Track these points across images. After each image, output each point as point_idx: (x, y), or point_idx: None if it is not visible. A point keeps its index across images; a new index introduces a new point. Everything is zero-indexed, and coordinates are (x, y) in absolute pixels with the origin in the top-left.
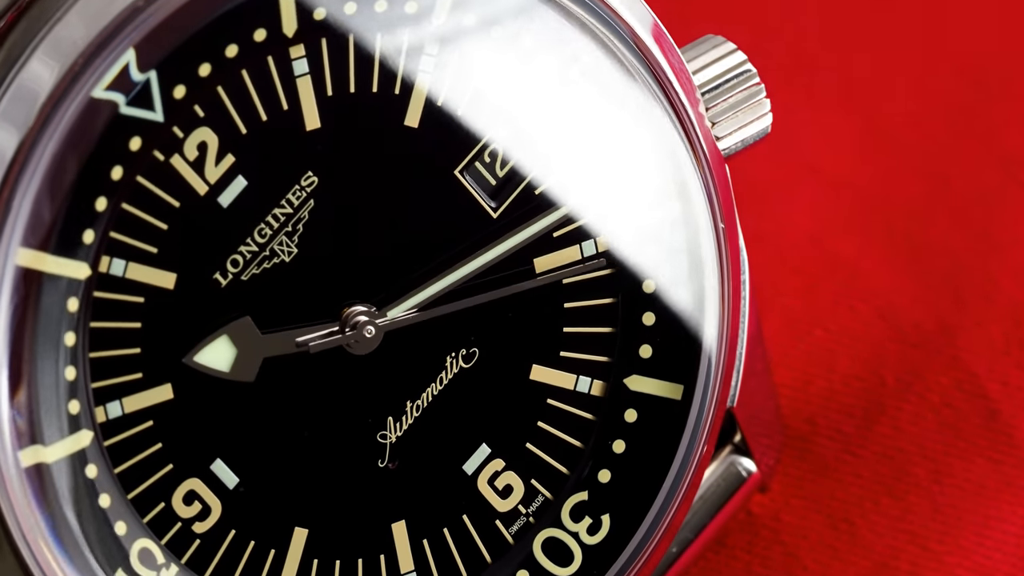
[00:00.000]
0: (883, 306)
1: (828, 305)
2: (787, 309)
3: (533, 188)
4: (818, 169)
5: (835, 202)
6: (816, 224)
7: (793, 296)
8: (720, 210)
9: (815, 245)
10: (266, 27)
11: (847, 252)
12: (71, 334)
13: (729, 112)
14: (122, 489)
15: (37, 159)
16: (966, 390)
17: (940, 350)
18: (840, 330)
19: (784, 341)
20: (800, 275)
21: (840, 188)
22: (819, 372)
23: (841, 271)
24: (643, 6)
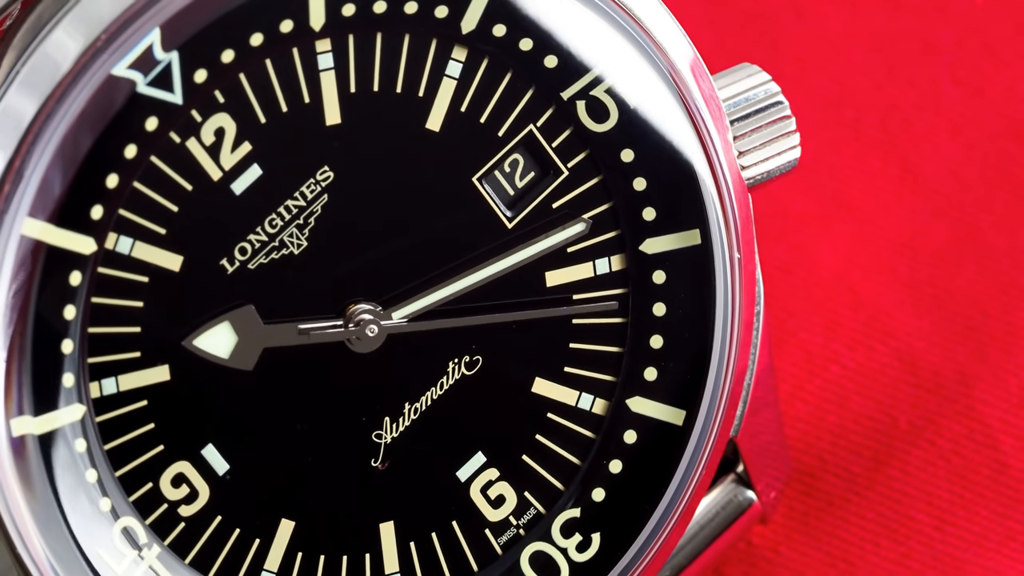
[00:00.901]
0: (902, 349)
1: (847, 343)
2: (806, 343)
3: (551, 201)
4: (852, 207)
5: (865, 241)
6: (843, 261)
7: (813, 330)
8: (738, 240)
9: (840, 282)
10: (293, 19)
11: (871, 292)
12: (71, 307)
13: (757, 141)
14: (110, 466)
15: (52, 129)
16: (978, 440)
17: (955, 398)
18: (857, 368)
19: (800, 375)
20: (822, 310)
21: (871, 227)
22: (832, 409)
23: (863, 310)
24: (685, 39)
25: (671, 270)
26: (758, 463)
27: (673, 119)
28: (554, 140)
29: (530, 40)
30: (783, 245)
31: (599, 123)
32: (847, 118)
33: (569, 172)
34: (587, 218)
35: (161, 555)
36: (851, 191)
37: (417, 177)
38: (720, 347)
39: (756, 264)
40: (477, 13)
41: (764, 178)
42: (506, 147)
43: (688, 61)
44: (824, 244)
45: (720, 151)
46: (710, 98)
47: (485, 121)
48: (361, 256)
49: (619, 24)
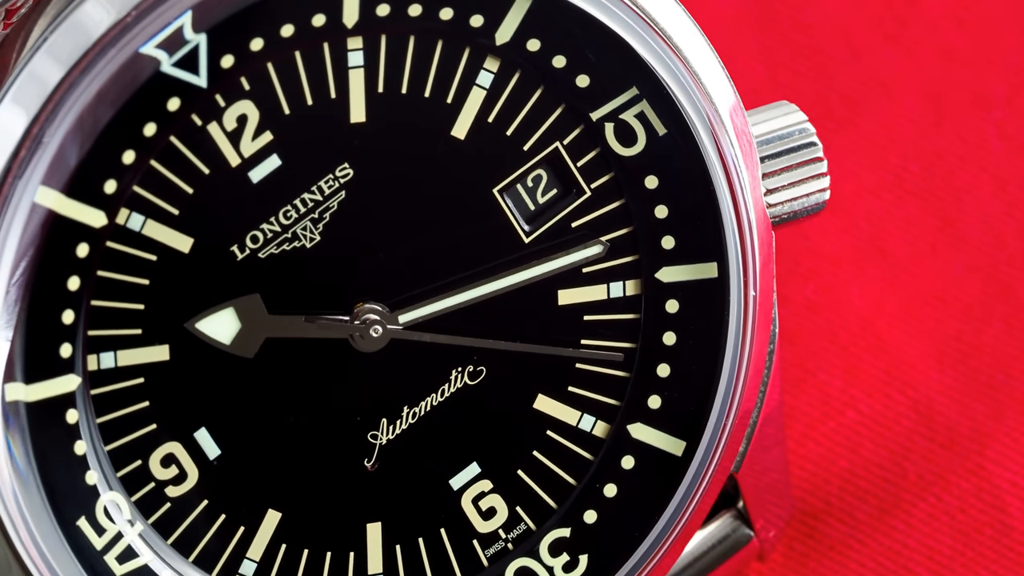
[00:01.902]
0: (920, 400)
1: (866, 389)
2: (824, 385)
3: (571, 220)
4: (886, 253)
5: (895, 288)
6: (871, 307)
7: (833, 373)
8: (756, 278)
9: (866, 327)
10: (326, 14)
11: (896, 340)
12: (75, 279)
13: (786, 180)
14: (101, 440)
15: (74, 99)
16: (985, 500)
17: (967, 455)
18: (872, 416)
19: (815, 415)
20: (845, 354)
21: (903, 275)
22: (843, 453)
23: (886, 358)
24: (727, 82)
25: (685, 301)
26: (758, 501)
27: (701, 152)
28: (580, 160)
29: (564, 58)
30: (812, 285)
31: (626, 147)
32: (891, 163)
33: (592, 193)
34: (605, 240)
35: (144, 532)
36: (887, 237)
37: (437, 183)
38: (727, 383)
39: (773, 304)
40: (513, 25)
41: (791, 217)
42: (530, 162)
43: (728, 106)
44: (854, 287)
45: (747, 187)
46: (742, 133)
47: (511, 134)
48: (373, 256)
49: (659, 56)
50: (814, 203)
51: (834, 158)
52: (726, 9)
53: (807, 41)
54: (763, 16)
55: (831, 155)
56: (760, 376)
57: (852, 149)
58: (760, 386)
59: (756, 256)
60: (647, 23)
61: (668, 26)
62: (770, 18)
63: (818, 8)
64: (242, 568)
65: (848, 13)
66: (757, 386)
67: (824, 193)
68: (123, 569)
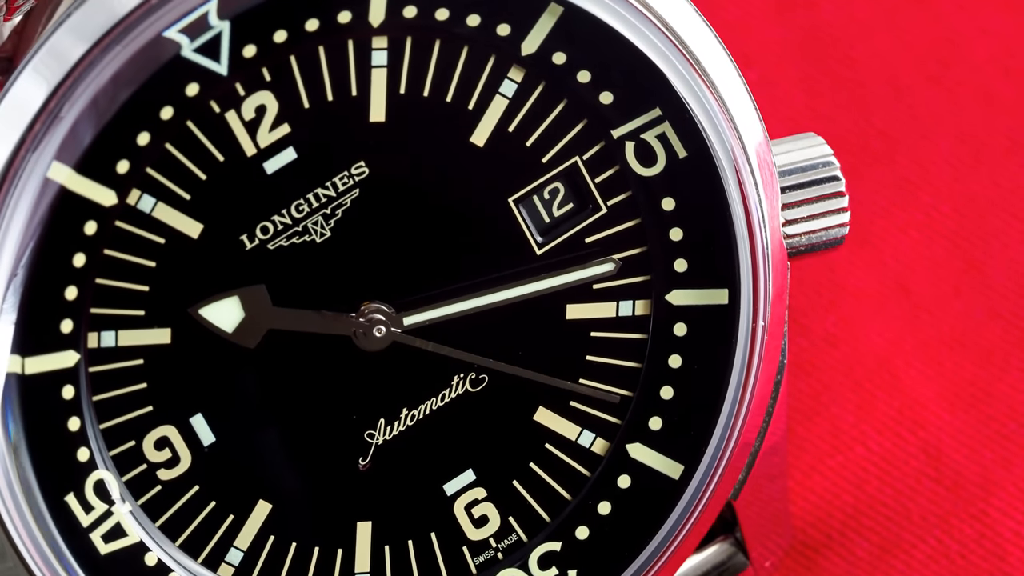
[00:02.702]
0: (930, 442)
1: (877, 426)
2: (836, 418)
3: (585, 236)
4: (909, 291)
5: (915, 328)
6: (889, 344)
7: (846, 407)
8: (766, 307)
9: (882, 364)
10: (352, 11)
11: (911, 380)
12: (81, 255)
13: (805, 213)
14: (95, 418)
15: (92, 77)
16: (986, 547)
17: (973, 500)
18: (881, 453)
19: (824, 448)
20: (859, 389)
21: (924, 316)
22: (848, 488)
23: (900, 397)
24: (757, 119)
25: (693, 325)
26: (756, 530)
27: (720, 178)
28: (598, 176)
29: (589, 73)
30: (833, 317)
31: (646, 167)
32: (922, 202)
33: (608, 210)
34: (617, 259)
35: (132, 513)
36: (912, 275)
37: (453, 188)
38: (729, 410)
39: (783, 335)
40: (540, 37)
41: (808, 250)
42: (548, 174)
43: (752, 136)
44: (874, 323)
45: (765, 217)
46: (764, 162)
47: (531, 145)
48: (383, 256)
49: (686, 79)
50: (832, 237)
51: (866, 193)
52: (773, 35)
53: (850, 74)
54: (809, 46)
55: (864, 189)
56: (765, 406)
57: (885, 185)
58: (764, 416)
59: (768, 286)
60: (676, 46)
61: (698, 51)
62: (816, 48)
63: (864, 43)
64: (229, 556)
65: (893, 51)
66: (761, 416)
67: (843, 228)
68: (108, 548)
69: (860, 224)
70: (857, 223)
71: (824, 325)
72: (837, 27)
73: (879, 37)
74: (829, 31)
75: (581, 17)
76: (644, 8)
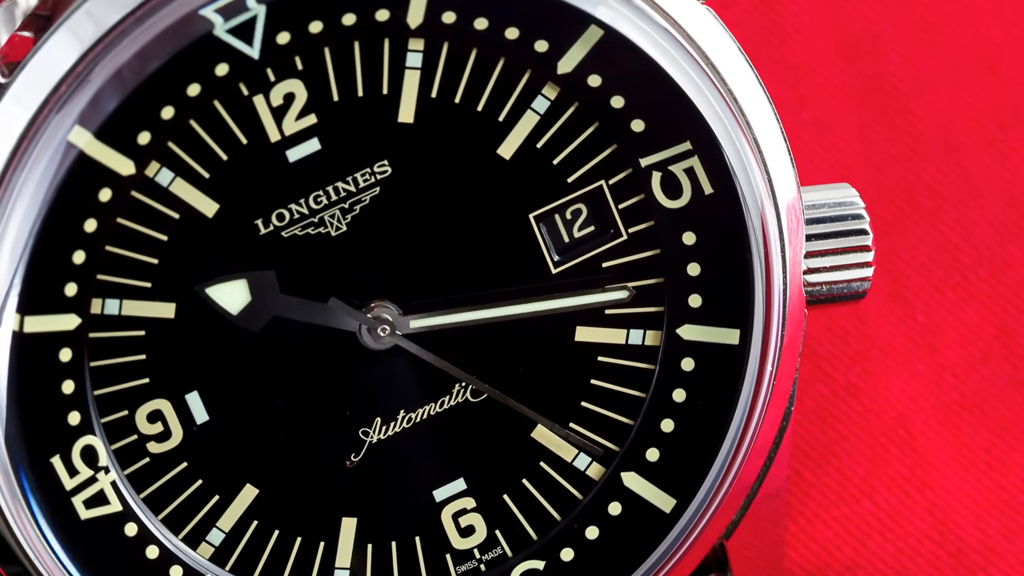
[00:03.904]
0: (937, 504)
1: (886, 482)
2: (846, 470)
3: (602, 260)
4: (936, 350)
5: (937, 388)
6: (909, 402)
7: (858, 460)
8: (776, 353)
9: (899, 421)
10: (391, 10)
11: (927, 440)
12: (93, 221)
13: (827, 263)
14: (91, 383)
15: (124, 46)
16: None
17: (973, 569)
18: (887, 510)
19: (830, 498)
20: (873, 443)
21: (948, 376)
22: (850, 541)
23: (912, 455)
24: (792, 177)
25: (701, 361)
26: (747, 573)
27: (744, 220)
28: (622, 202)
29: (622, 99)
30: (857, 368)
31: (670, 199)
32: (961, 262)
33: (628, 237)
34: (632, 287)
35: (117, 483)
36: (941, 335)
37: (474, 197)
38: (727, 451)
39: (793, 383)
40: (577, 57)
41: (828, 300)
42: (572, 195)
43: (785, 187)
44: (897, 379)
45: (787, 262)
46: (791, 208)
47: (558, 164)
48: (396, 257)
49: (719, 117)
50: (853, 290)
51: (906, 247)
52: (834, 79)
53: (907, 127)
54: (869, 94)
55: (904, 243)
56: (766, 451)
57: (926, 241)
58: (764, 461)
59: (781, 332)
60: (714, 83)
61: (737, 90)
62: (875, 97)
63: (925, 98)
64: (210, 536)
65: (953, 109)
66: (761, 460)
67: (865, 282)
68: (89, 514)
69: (896, 278)
70: (893, 277)
71: (847, 375)
72: (900, 79)
73: (940, 93)
74: (891, 82)
75: (620, 42)
76: (686, 41)
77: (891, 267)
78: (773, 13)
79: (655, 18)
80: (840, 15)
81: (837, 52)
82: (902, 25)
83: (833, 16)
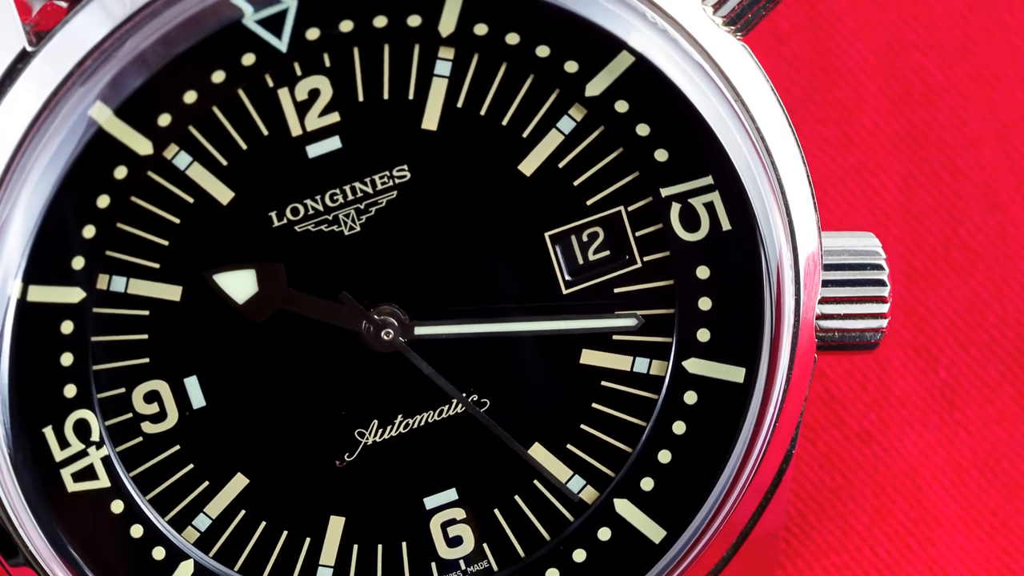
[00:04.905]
0: (937, 560)
1: (889, 532)
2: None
3: (614, 286)
4: (954, 407)
5: (951, 444)
6: (921, 455)
7: (864, 507)
8: (780, 395)
9: (909, 474)
10: (423, 16)
11: (933, 494)
12: (106, 198)
13: (841, 310)
14: (90, 358)
15: (153, 27)
16: None
17: None
18: (887, 560)
19: (831, 542)
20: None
21: (962, 433)
22: None
23: (918, 507)
24: (812, 207)
25: (704, 396)
26: None
27: (760, 260)
28: (639, 230)
29: (648, 127)
30: (872, 416)
31: (688, 232)
32: (988, 321)
33: (643, 266)
34: (642, 315)
35: (107, 459)
36: (961, 392)
37: (491, 211)
38: (721, 488)
39: (796, 426)
40: (606, 81)
41: (839, 348)
42: (590, 218)
43: (804, 231)
44: (911, 431)
45: (800, 306)
46: (810, 252)
47: (578, 185)
48: (407, 263)
49: (743, 155)
50: (865, 340)
51: (935, 301)
52: (882, 125)
53: (949, 180)
54: (915, 143)
55: (934, 296)
56: (762, 492)
57: (956, 297)
58: (760, 501)
59: (787, 375)
60: (741, 120)
61: (765, 130)
62: (922, 148)
63: (971, 153)
64: (196, 521)
65: (998, 167)
66: (757, 501)
67: (878, 333)
68: (76, 487)
69: (922, 330)
70: (919, 328)
71: (862, 422)
72: (948, 131)
73: (987, 150)
74: (939, 133)
75: (651, 71)
76: (718, 76)
77: (918, 319)
78: (828, 53)
79: (688, 50)
80: (895, 60)
81: (888, 98)
82: (955, 77)
83: (888, 61)
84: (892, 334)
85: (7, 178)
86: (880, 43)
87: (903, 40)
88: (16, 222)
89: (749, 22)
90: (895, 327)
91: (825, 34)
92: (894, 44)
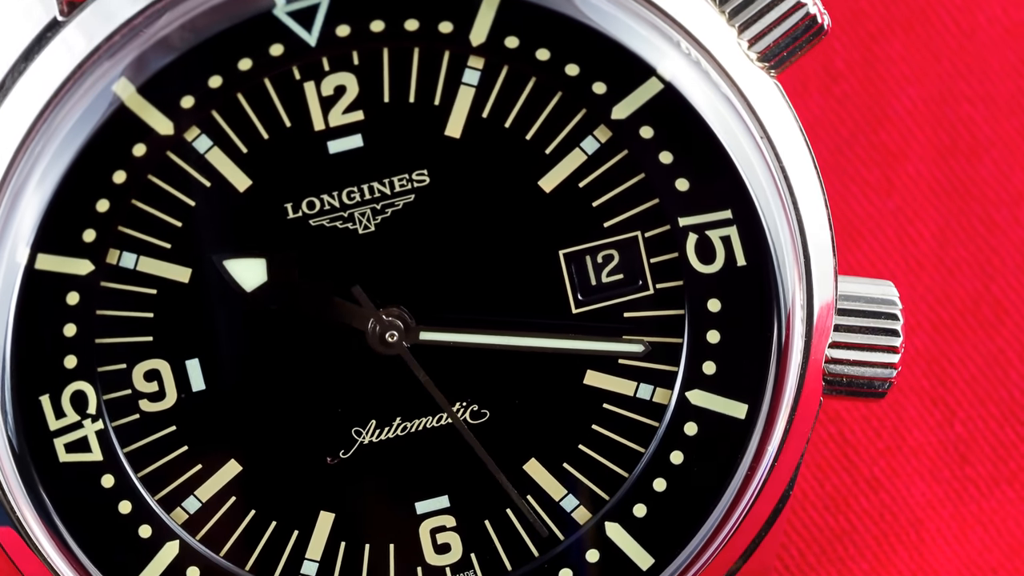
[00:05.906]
0: None
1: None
2: (851, 561)
3: (624, 310)
4: (966, 463)
5: (960, 499)
6: (928, 507)
7: (864, 553)
8: (781, 435)
9: (914, 524)
10: (455, 24)
11: (936, 548)
12: (123, 173)
13: (851, 356)
14: (94, 331)
15: (186, 8)
16: None
17: None
18: None
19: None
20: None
21: (972, 490)
22: None
23: (919, 559)
24: (831, 249)
25: (705, 428)
26: None
27: (772, 298)
28: (655, 257)
29: (671, 155)
30: (882, 463)
31: (702, 263)
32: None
33: (655, 293)
34: (649, 343)
35: (102, 433)
36: (975, 448)
37: (507, 223)
38: (713, 522)
39: (796, 467)
40: (633, 105)
41: (847, 394)
42: (606, 240)
43: (820, 273)
44: (921, 482)
45: (809, 348)
46: (823, 296)
47: (597, 207)
48: (419, 266)
49: (767, 196)
50: (874, 388)
51: (959, 354)
52: (925, 173)
53: (987, 235)
54: (957, 195)
55: (958, 350)
56: (755, 530)
57: (981, 351)
58: (753, 539)
59: (790, 416)
60: (765, 157)
61: (790, 169)
62: (962, 200)
63: (1011, 210)
64: (186, 503)
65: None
66: (749, 539)
67: (886, 383)
68: (68, 458)
69: (942, 382)
70: (939, 380)
71: (872, 468)
72: (990, 185)
73: None
74: (981, 187)
75: (678, 100)
76: (746, 111)
77: (939, 370)
78: (879, 95)
79: (719, 83)
80: (944, 109)
81: (934, 146)
82: (1003, 131)
83: (937, 109)
84: (911, 383)
85: (25, 145)
86: (932, 91)
87: (954, 90)
88: (31, 189)
89: (784, 60)
90: (915, 376)
91: (878, 76)
92: (945, 93)
